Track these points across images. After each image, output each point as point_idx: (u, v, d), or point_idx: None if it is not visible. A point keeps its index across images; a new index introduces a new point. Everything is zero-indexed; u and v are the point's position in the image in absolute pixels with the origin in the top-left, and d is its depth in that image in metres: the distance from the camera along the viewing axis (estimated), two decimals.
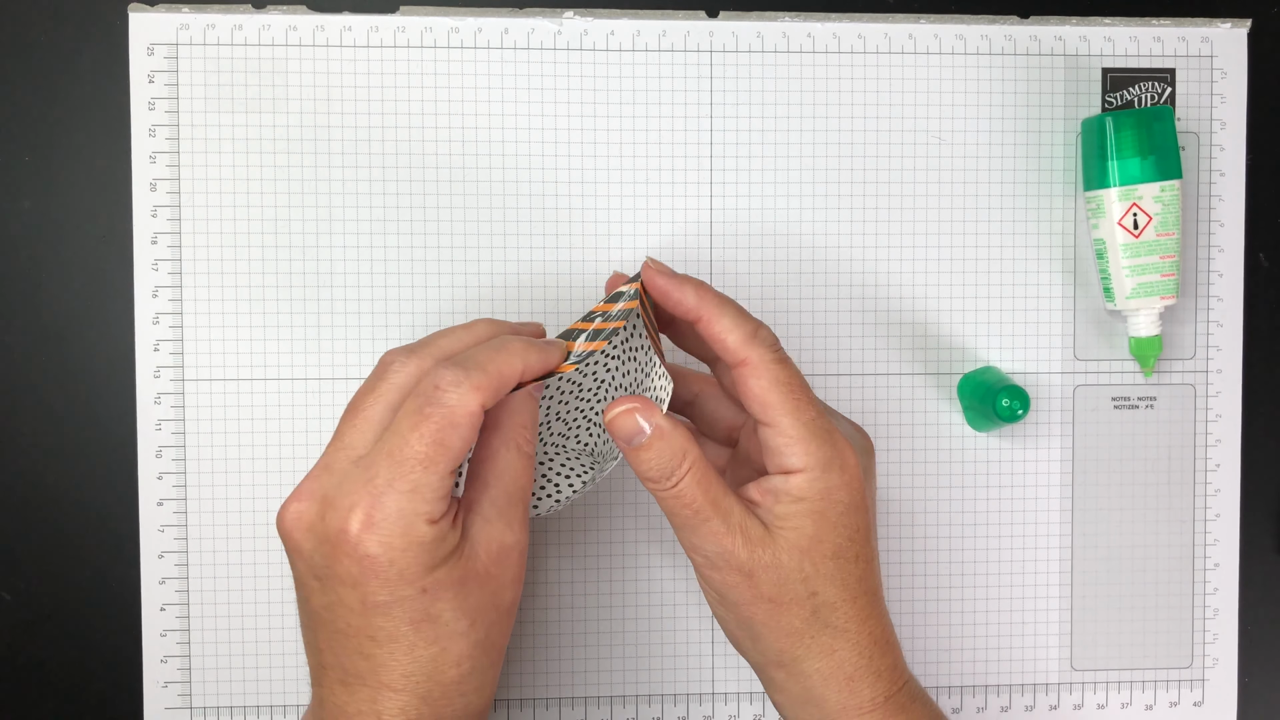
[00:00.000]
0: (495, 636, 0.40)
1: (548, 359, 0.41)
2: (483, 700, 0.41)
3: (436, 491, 0.38)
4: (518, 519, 0.41)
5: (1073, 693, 0.54)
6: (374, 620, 0.38)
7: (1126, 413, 0.54)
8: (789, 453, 0.41)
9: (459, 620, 0.39)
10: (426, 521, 0.38)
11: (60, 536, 0.51)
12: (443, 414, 0.38)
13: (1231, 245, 0.54)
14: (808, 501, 0.41)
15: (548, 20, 0.51)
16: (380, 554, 0.37)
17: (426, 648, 0.38)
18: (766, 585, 0.41)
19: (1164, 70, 0.53)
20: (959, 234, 0.53)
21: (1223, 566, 0.54)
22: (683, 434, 0.41)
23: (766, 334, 0.42)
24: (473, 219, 0.51)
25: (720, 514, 0.41)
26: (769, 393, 0.41)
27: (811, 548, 0.41)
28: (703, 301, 0.42)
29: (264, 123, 0.50)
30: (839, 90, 0.52)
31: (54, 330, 0.50)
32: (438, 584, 0.38)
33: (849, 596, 0.42)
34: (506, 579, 0.40)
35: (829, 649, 0.42)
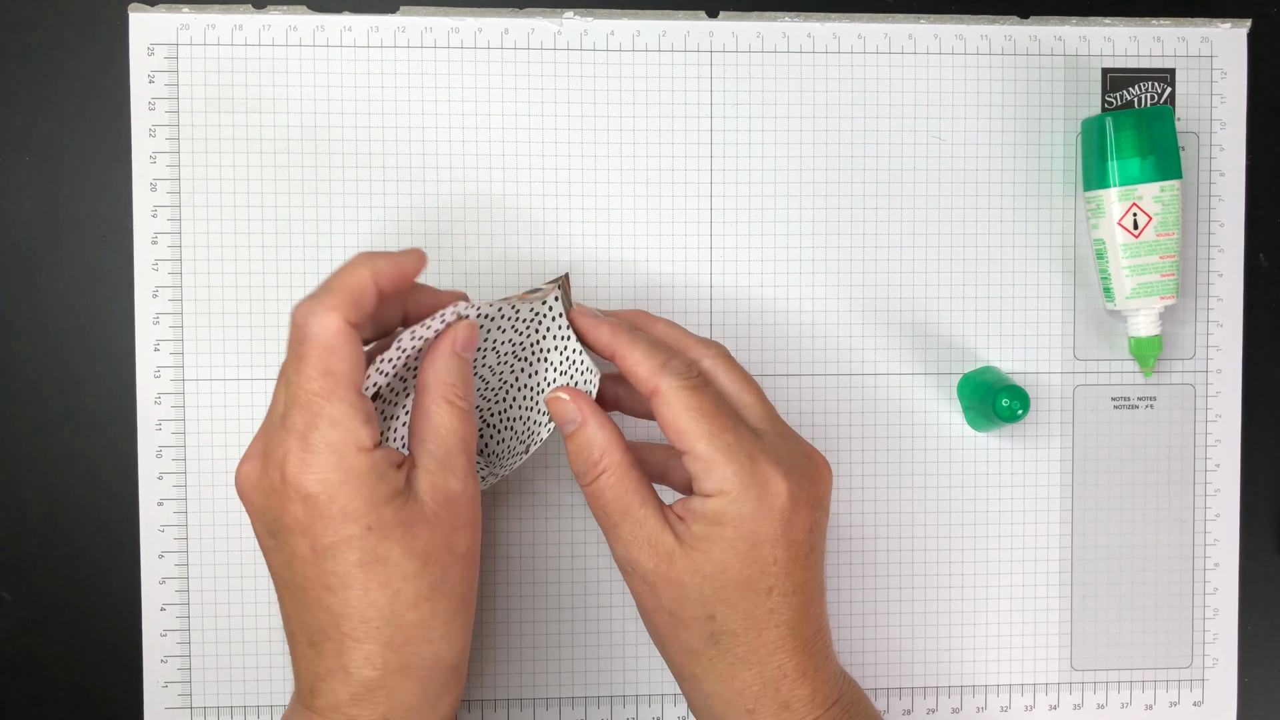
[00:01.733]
0: (455, 582, 0.40)
1: (399, 262, 0.41)
2: (453, 650, 0.41)
3: (351, 418, 0.38)
4: (460, 468, 0.41)
5: (1073, 693, 0.54)
6: (325, 566, 0.38)
7: (1126, 413, 0.54)
8: (704, 477, 0.41)
9: (409, 561, 0.39)
10: (355, 449, 0.38)
11: (60, 536, 0.51)
12: (312, 345, 0.38)
13: (1231, 245, 0.54)
14: (721, 527, 0.40)
15: (548, 20, 0.51)
16: (319, 490, 0.38)
17: (380, 590, 0.38)
18: (666, 599, 0.41)
19: (1164, 70, 0.53)
20: (959, 234, 0.53)
21: (1223, 566, 0.54)
22: (606, 435, 0.42)
23: (677, 364, 0.42)
24: (473, 219, 0.51)
25: (630, 522, 0.41)
26: (679, 419, 0.41)
27: (716, 573, 0.41)
28: (616, 338, 0.43)
29: (264, 123, 0.50)
30: (839, 90, 0.52)
31: (54, 330, 0.50)
32: (382, 523, 0.38)
33: (753, 628, 0.41)
34: (458, 523, 0.40)
35: (728, 675, 0.41)
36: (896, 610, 0.53)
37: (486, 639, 0.52)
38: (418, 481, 0.40)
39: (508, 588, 0.52)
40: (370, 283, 0.40)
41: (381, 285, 0.40)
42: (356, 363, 0.39)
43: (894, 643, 0.53)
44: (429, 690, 0.40)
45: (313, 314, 0.39)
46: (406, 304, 0.43)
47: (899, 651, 0.53)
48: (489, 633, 0.52)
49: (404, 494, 0.39)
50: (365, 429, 0.39)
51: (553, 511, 0.52)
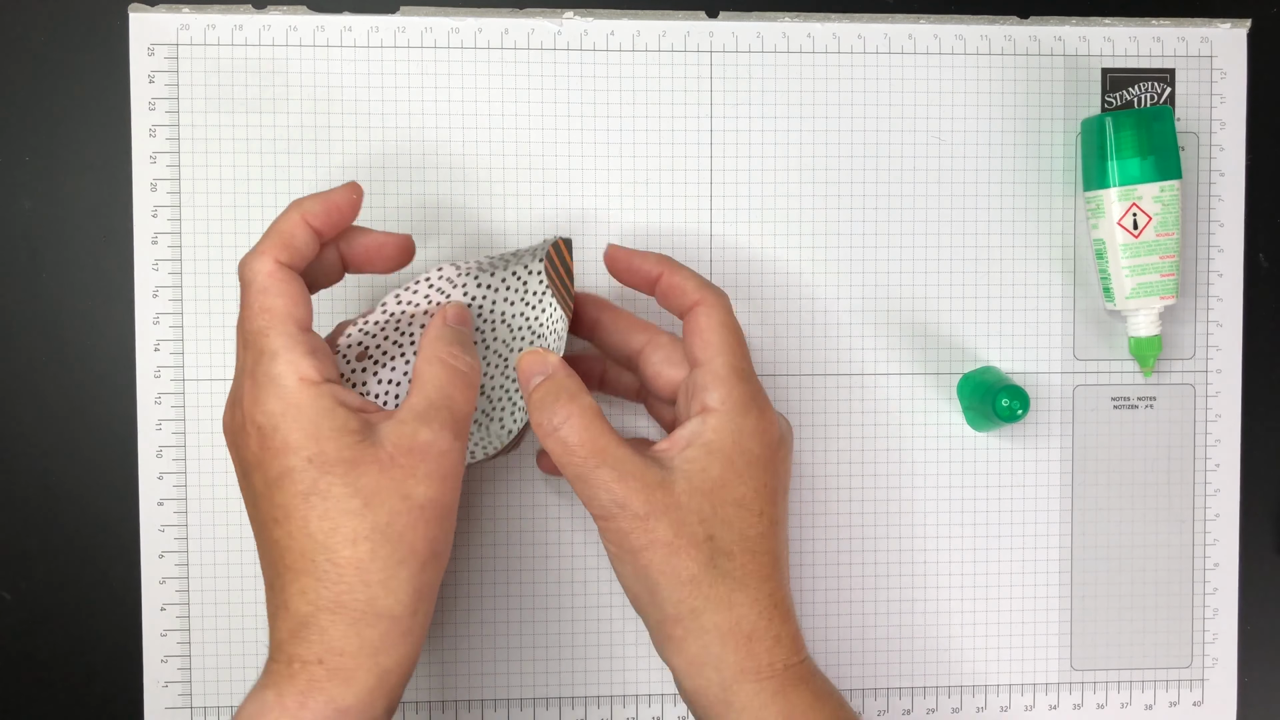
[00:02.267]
0: (403, 529, 0.39)
1: (327, 199, 0.42)
2: (393, 599, 0.39)
3: (291, 349, 0.40)
4: (438, 421, 0.40)
5: (1072, 692, 0.54)
6: (274, 498, 0.39)
7: (1126, 413, 0.54)
8: (712, 389, 0.42)
9: (350, 498, 0.39)
10: (297, 379, 0.39)
11: (60, 536, 0.51)
12: (249, 288, 0.41)
13: (1231, 245, 0.54)
14: (717, 444, 0.42)
15: (548, 20, 0.51)
16: (265, 421, 0.39)
17: (318, 522, 0.39)
18: (662, 529, 0.41)
19: (1164, 70, 0.53)
20: (959, 234, 0.53)
21: (1222, 566, 0.54)
22: (575, 383, 0.42)
23: (718, 289, 0.45)
24: (472, 219, 0.51)
25: (609, 461, 0.41)
26: (714, 332, 0.43)
27: (714, 490, 0.42)
28: (663, 263, 0.46)
29: (264, 123, 0.50)
30: (839, 90, 0.52)
31: (54, 331, 0.50)
32: (324, 457, 0.39)
33: (748, 549, 0.42)
34: (419, 472, 0.40)
35: (727, 600, 0.41)
36: (896, 610, 0.53)
37: (486, 639, 0.52)
38: (384, 428, 0.40)
39: (508, 588, 0.52)
40: (299, 222, 0.42)
41: (312, 223, 0.42)
42: (295, 299, 0.41)
43: (894, 642, 0.53)
44: (365, 637, 0.39)
45: (247, 262, 0.41)
46: (343, 246, 0.45)
47: (899, 651, 0.53)
48: (489, 633, 0.52)
49: (356, 433, 0.39)
50: (308, 360, 0.40)
51: (552, 512, 0.52)
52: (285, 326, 0.40)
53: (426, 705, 0.51)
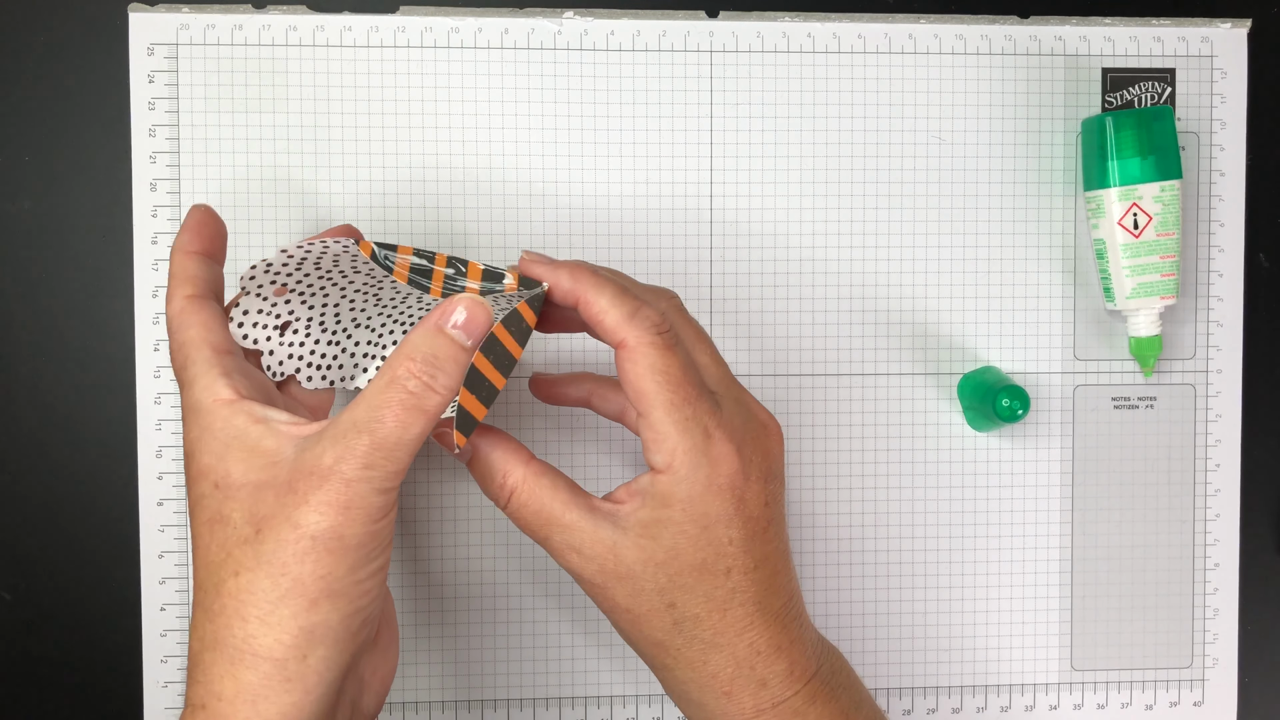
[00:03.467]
0: (288, 562, 0.35)
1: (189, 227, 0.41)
2: (271, 639, 0.35)
3: (206, 374, 0.38)
4: (349, 448, 0.36)
5: (1073, 693, 0.54)
6: (193, 526, 0.38)
7: (1126, 413, 0.54)
8: (655, 449, 0.39)
9: (245, 525, 0.36)
10: (211, 401, 0.38)
11: (60, 536, 0.51)
12: (170, 331, 0.40)
13: (1231, 245, 0.54)
14: (669, 509, 0.38)
15: (548, 20, 0.51)
16: (188, 449, 0.38)
17: (216, 550, 0.36)
18: (621, 596, 0.39)
19: (1164, 70, 0.53)
20: (959, 234, 0.53)
21: (1223, 566, 0.54)
22: (501, 453, 0.40)
23: (650, 314, 0.39)
24: (472, 219, 0.51)
25: (561, 532, 0.39)
26: (644, 379, 0.38)
27: (669, 561, 0.39)
28: (578, 283, 0.39)
29: (264, 123, 0.50)
30: (839, 90, 0.52)
31: (54, 330, 0.50)
32: (229, 481, 0.37)
33: (716, 609, 0.39)
34: (312, 500, 0.35)
35: (699, 661, 0.39)
36: (896, 610, 0.53)
37: (486, 639, 0.52)
38: (301, 446, 0.37)
39: (507, 588, 0.52)
40: (181, 256, 0.41)
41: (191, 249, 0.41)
42: (207, 325, 0.39)
43: (894, 643, 0.53)
44: (242, 681, 0.35)
45: (166, 312, 0.41)
46: None
47: (899, 651, 0.53)
48: (489, 633, 0.52)
49: (268, 453, 0.37)
50: (222, 381, 0.38)
51: None
52: (200, 353, 0.39)
53: (426, 705, 0.51)
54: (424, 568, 0.51)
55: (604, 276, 0.40)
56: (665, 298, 0.42)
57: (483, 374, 0.39)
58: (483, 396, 0.39)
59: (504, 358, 0.39)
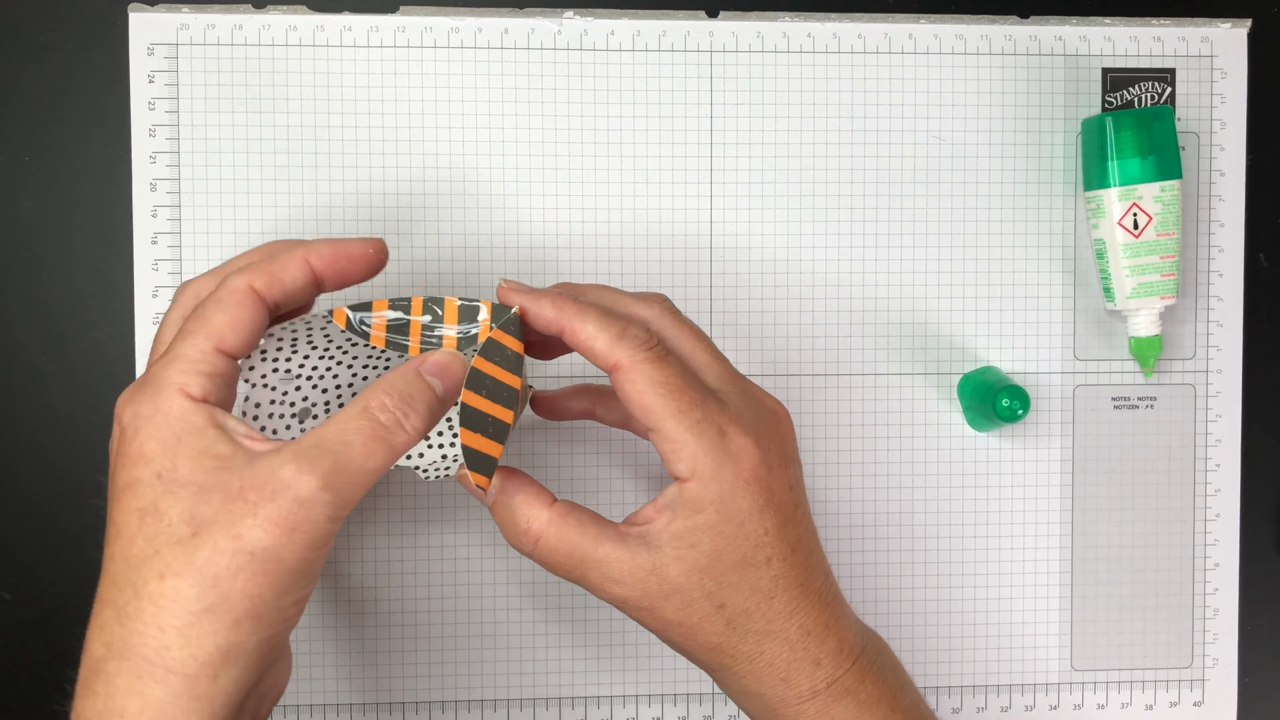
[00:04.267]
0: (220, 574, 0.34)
1: (339, 247, 0.39)
2: (188, 653, 0.34)
3: (194, 364, 0.36)
4: (311, 465, 0.34)
5: (1073, 693, 0.54)
6: (114, 511, 0.35)
7: (1126, 413, 0.54)
8: (676, 459, 0.38)
9: (182, 525, 0.34)
10: (176, 390, 0.35)
11: (60, 536, 0.51)
12: (210, 296, 0.38)
13: (1231, 245, 0.54)
14: (703, 514, 0.38)
15: (548, 20, 0.51)
16: (129, 424, 0.35)
17: (143, 545, 0.34)
18: (671, 612, 0.39)
19: (1164, 70, 0.53)
20: (959, 234, 0.53)
21: (1223, 566, 0.54)
22: (523, 499, 0.39)
23: (637, 332, 0.39)
24: (472, 219, 0.51)
25: (594, 568, 0.39)
26: (646, 395, 0.38)
27: (711, 564, 0.39)
28: (561, 312, 0.39)
29: (264, 123, 0.50)
30: (839, 90, 0.52)
31: (54, 330, 0.50)
32: (175, 474, 0.34)
33: (764, 599, 0.39)
34: (259, 514, 0.34)
35: (755, 653, 0.40)
36: (897, 610, 0.53)
37: (486, 639, 0.52)
38: (260, 458, 0.35)
39: (507, 588, 0.52)
40: (299, 260, 0.39)
41: (315, 265, 0.39)
42: (239, 323, 0.37)
43: (894, 643, 0.53)
44: (148, 695, 0.33)
45: (228, 273, 0.38)
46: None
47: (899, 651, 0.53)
48: (489, 633, 0.52)
49: (221, 458, 0.35)
50: (199, 379, 0.36)
51: None
52: (205, 341, 0.37)
53: (426, 705, 0.51)
54: (423, 568, 0.51)
55: (586, 302, 0.40)
56: (655, 303, 0.42)
57: (479, 409, 0.39)
58: (490, 433, 0.39)
59: (499, 389, 0.39)
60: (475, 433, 0.39)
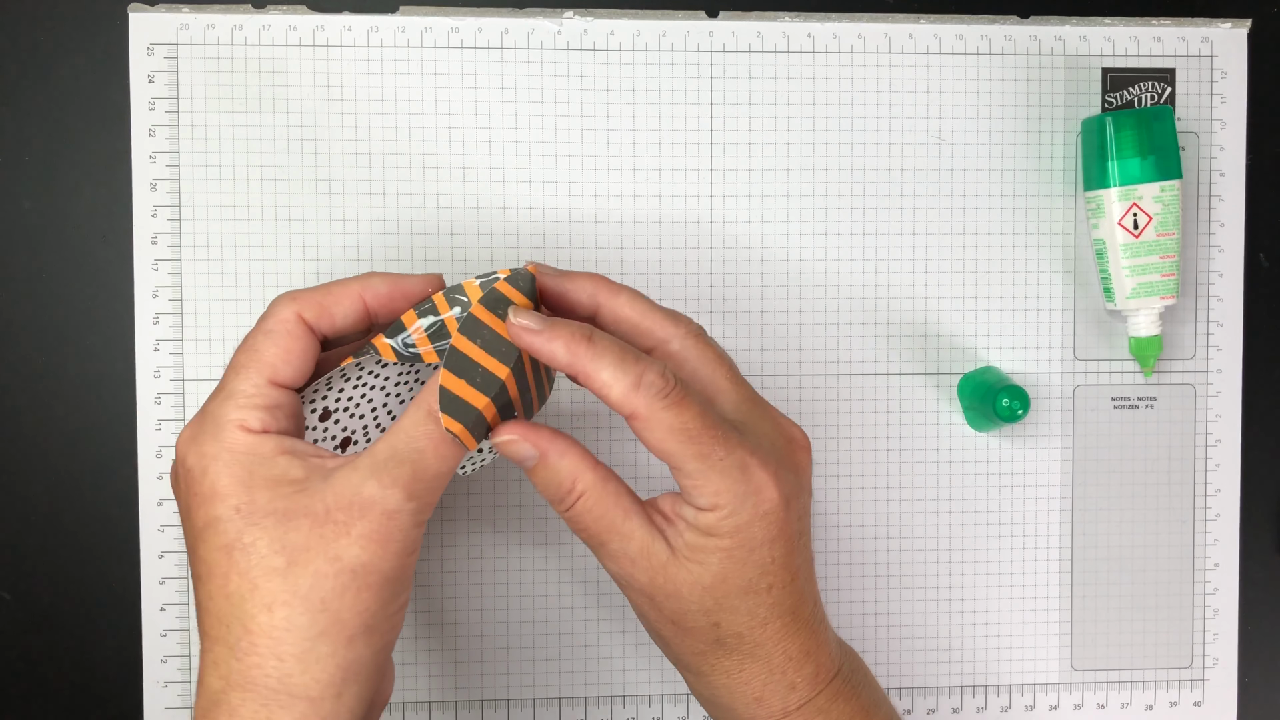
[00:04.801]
0: (327, 597, 0.35)
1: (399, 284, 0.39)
2: (309, 678, 0.35)
3: (250, 397, 0.37)
4: (396, 479, 0.36)
5: (1073, 693, 0.54)
6: (198, 551, 0.36)
7: (1126, 413, 0.54)
8: (697, 494, 0.38)
9: (274, 555, 0.35)
10: (238, 426, 0.36)
11: (60, 536, 0.51)
12: (258, 327, 0.38)
13: (1231, 245, 0.54)
14: (718, 538, 0.38)
15: (548, 20, 0.51)
16: (195, 464, 0.36)
17: (239, 580, 0.35)
18: (668, 610, 0.39)
19: (1164, 70, 0.53)
20: (959, 234, 0.53)
21: (1223, 566, 0.54)
22: (572, 460, 0.39)
23: (653, 379, 0.38)
24: (472, 219, 0.51)
25: (618, 540, 0.39)
26: (665, 443, 0.38)
27: (715, 585, 0.39)
28: (575, 353, 0.38)
29: (264, 123, 0.50)
30: (839, 90, 0.52)
31: (54, 330, 0.50)
32: (254, 507, 0.35)
33: (758, 624, 0.40)
34: (353, 532, 0.35)
35: (735, 669, 0.40)
36: (897, 610, 0.53)
37: (486, 639, 0.52)
38: (334, 476, 0.36)
39: (507, 588, 0.52)
40: (354, 295, 0.39)
41: (370, 302, 0.39)
42: (291, 354, 0.38)
43: (894, 643, 0.53)
44: None
45: (278, 300, 0.39)
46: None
47: (899, 652, 0.53)
48: (489, 633, 0.52)
49: (296, 482, 0.36)
50: (258, 413, 0.37)
51: (552, 511, 0.52)
52: (258, 375, 0.37)
53: (426, 705, 0.51)
54: (421, 568, 0.51)
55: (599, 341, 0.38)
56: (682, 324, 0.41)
57: (469, 356, 0.38)
58: (477, 383, 0.38)
59: (496, 342, 0.39)
60: (460, 378, 0.38)
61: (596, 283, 0.41)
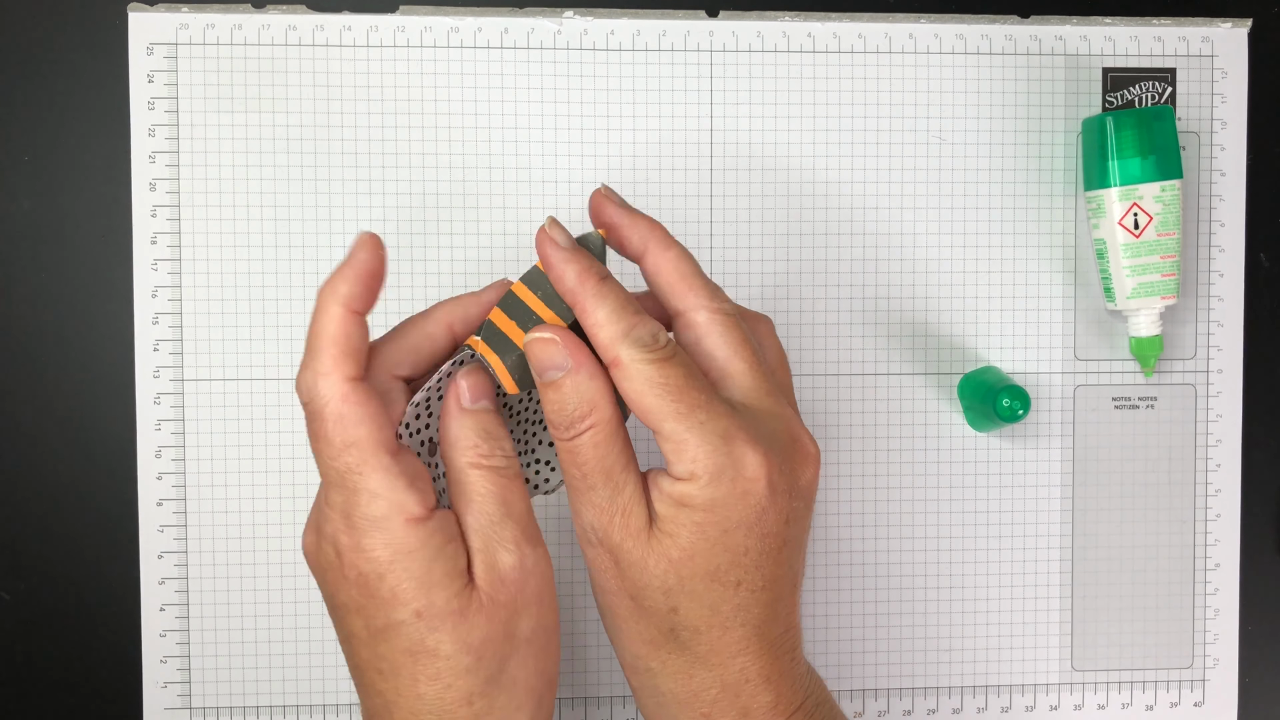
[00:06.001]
0: (515, 672, 0.37)
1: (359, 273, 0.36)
2: None
3: (391, 487, 0.35)
4: (509, 537, 0.37)
5: (1073, 693, 0.54)
6: (378, 649, 0.36)
7: (1127, 413, 0.54)
8: (674, 458, 0.36)
9: (462, 655, 0.36)
10: (404, 521, 0.35)
11: (60, 536, 0.51)
12: (322, 420, 0.35)
13: (1232, 245, 0.54)
14: (690, 510, 0.36)
15: (548, 20, 0.51)
16: (370, 569, 0.36)
17: (429, 683, 0.36)
18: (629, 581, 0.37)
19: (1164, 70, 0.53)
20: (959, 234, 0.53)
21: (1223, 567, 0.54)
22: (600, 386, 0.37)
23: (643, 334, 0.37)
24: (472, 219, 0.51)
25: (609, 486, 0.37)
26: (644, 396, 0.36)
27: (682, 561, 0.36)
28: (582, 286, 0.37)
29: (264, 123, 0.50)
30: (839, 90, 0.52)
31: (54, 330, 0.50)
32: (433, 610, 0.36)
33: (718, 624, 0.37)
34: (516, 604, 0.37)
35: (684, 673, 0.38)
36: (896, 610, 0.53)
37: None
38: (471, 562, 0.37)
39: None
40: (348, 318, 0.36)
41: (358, 310, 0.37)
42: (378, 420, 0.36)
43: (894, 643, 0.53)
44: None
45: (312, 385, 0.36)
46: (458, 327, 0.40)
47: (899, 652, 0.53)
48: None
49: (463, 575, 0.36)
50: (410, 494, 0.36)
51: (552, 512, 0.52)
52: (378, 459, 0.35)
53: None
54: None
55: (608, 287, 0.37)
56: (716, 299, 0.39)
57: (525, 303, 0.38)
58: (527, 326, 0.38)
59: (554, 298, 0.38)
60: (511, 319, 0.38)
61: (653, 231, 0.40)
